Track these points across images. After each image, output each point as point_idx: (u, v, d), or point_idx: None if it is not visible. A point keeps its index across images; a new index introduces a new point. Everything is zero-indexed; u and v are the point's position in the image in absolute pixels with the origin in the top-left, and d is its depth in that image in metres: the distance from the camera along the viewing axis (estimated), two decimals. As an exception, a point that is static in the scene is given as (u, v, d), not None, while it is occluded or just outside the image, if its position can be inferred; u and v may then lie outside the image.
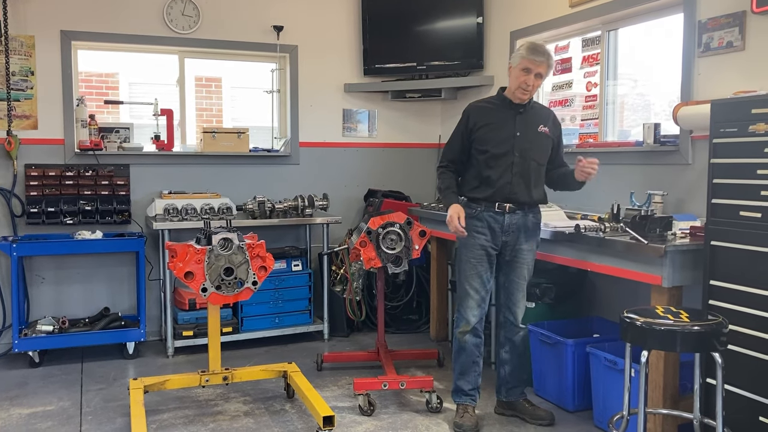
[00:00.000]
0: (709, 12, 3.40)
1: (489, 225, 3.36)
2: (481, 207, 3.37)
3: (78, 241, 4.51)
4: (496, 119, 3.37)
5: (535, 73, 3.26)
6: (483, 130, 3.36)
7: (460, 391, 3.52)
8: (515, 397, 3.58)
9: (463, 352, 3.46)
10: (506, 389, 3.58)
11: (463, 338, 3.43)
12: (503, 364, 3.58)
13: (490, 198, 3.34)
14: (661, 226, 3.08)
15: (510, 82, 3.36)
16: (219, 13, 5.15)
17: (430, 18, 5.41)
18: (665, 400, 3.03)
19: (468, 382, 3.49)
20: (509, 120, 3.36)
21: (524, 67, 3.26)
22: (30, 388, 4.04)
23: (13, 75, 4.62)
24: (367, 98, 5.70)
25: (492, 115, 3.39)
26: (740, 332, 2.69)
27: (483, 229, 3.36)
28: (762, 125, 2.61)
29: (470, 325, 3.41)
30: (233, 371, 3.71)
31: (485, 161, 3.35)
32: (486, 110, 3.42)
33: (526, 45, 3.33)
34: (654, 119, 4.08)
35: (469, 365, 3.47)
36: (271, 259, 3.64)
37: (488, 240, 3.37)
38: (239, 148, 5.18)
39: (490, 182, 3.34)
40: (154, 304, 5.00)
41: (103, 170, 4.82)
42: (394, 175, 5.76)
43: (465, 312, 3.42)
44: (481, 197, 3.36)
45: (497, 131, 3.35)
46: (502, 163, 3.33)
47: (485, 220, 3.36)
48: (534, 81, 3.27)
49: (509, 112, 3.38)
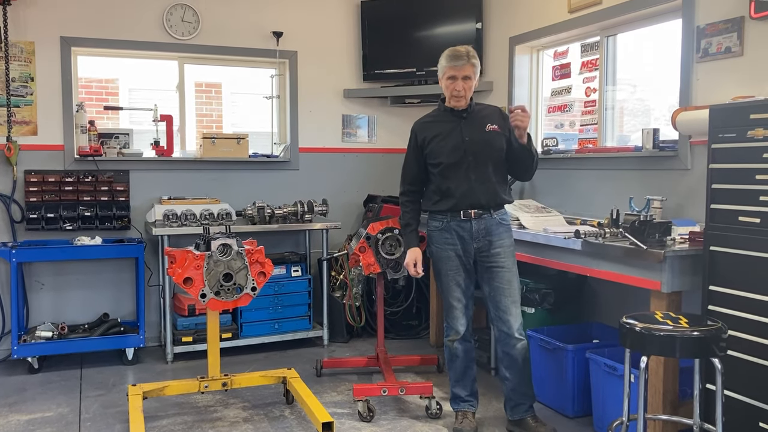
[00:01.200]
0: (707, 17, 3.41)
1: (458, 234, 3.34)
2: (447, 218, 3.35)
3: (77, 247, 4.51)
4: (442, 130, 3.36)
5: (462, 76, 3.25)
6: (432, 143, 3.35)
7: (458, 398, 3.52)
8: (520, 414, 3.41)
9: (456, 358, 3.46)
10: (510, 407, 3.45)
11: (453, 345, 3.45)
12: (504, 380, 3.44)
13: (454, 208, 3.32)
14: (661, 231, 3.08)
15: (444, 92, 3.35)
16: (218, 19, 5.17)
17: (429, 24, 5.42)
18: (665, 406, 3.02)
19: (464, 388, 3.49)
20: (455, 127, 3.34)
21: (449, 76, 3.27)
22: (29, 394, 4.03)
23: (13, 81, 4.63)
24: (366, 104, 5.70)
25: (437, 126, 3.38)
26: (740, 338, 2.69)
27: (453, 240, 3.35)
28: (760, 130, 2.62)
29: (459, 334, 3.43)
30: (232, 377, 3.70)
31: (441, 173, 3.34)
32: (430, 124, 3.43)
33: (445, 53, 3.31)
34: (653, 124, 4.09)
35: (463, 371, 3.47)
36: (270, 264, 3.64)
37: (459, 249, 3.35)
38: (239, 153, 5.18)
39: (451, 192, 3.32)
40: (153, 309, 5.00)
41: (103, 176, 4.82)
42: (394, 181, 5.68)
43: (453, 323, 3.44)
44: (445, 209, 3.35)
45: (446, 141, 3.33)
46: (458, 171, 3.30)
47: (453, 230, 3.35)
48: (463, 84, 3.26)
49: (454, 120, 3.36)
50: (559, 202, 4.42)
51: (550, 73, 4.81)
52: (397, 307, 5.28)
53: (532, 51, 4.93)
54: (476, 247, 3.35)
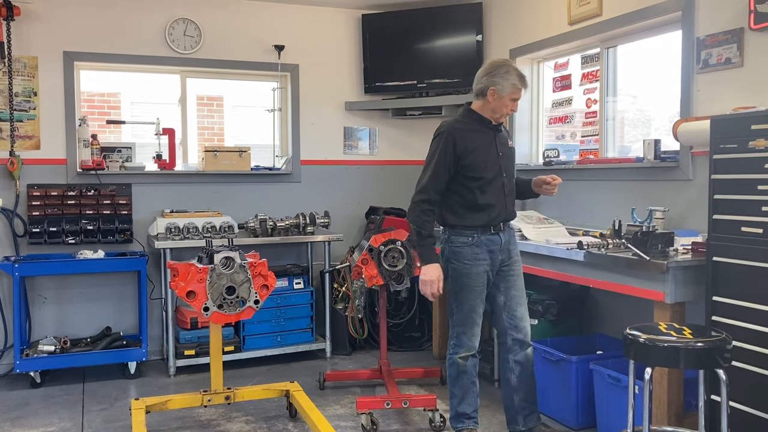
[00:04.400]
0: (707, 29, 3.42)
1: (488, 249, 3.24)
2: (477, 233, 3.22)
3: (80, 261, 4.51)
4: (481, 142, 3.22)
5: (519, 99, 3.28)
6: (473, 155, 3.18)
7: (463, 416, 3.33)
8: (534, 422, 3.34)
9: (465, 375, 3.29)
10: (523, 417, 3.32)
11: (465, 362, 3.28)
12: (515, 391, 3.32)
13: (488, 223, 3.22)
14: (663, 242, 3.08)
15: (494, 106, 3.20)
16: (220, 33, 5.20)
17: (430, 36, 5.45)
18: (670, 418, 3.01)
19: (470, 405, 3.33)
20: (491, 141, 3.25)
21: (515, 98, 3.21)
22: (31, 408, 4.02)
23: (16, 96, 4.65)
24: (367, 116, 5.72)
25: (476, 138, 3.22)
26: (744, 348, 2.68)
27: (483, 255, 3.22)
28: (762, 141, 2.62)
29: (473, 350, 3.28)
30: (235, 390, 3.69)
31: (479, 188, 3.20)
32: (469, 133, 3.21)
33: (516, 74, 3.19)
34: (654, 135, 4.10)
35: (470, 387, 3.32)
36: (272, 277, 3.63)
37: (489, 264, 3.24)
38: (241, 166, 5.20)
39: (487, 208, 3.21)
40: (155, 323, 4.99)
41: (105, 190, 4.83)
42: (396, 193, 5.76)
43: (470, 340, 3.27)
44: (479, 224, 3.21)
45: (486, 155, 3.21)
46: (495, 186, 3.23)
47: (483, 245, 3.22)
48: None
49: (489, 133, 3.26)
50: (561, 214, 4.42)
51: (551, 84, 4.83)
52: (400, 319, 5.27)
53: (533, 63, 4.95)
54: (501, 258, 3.28)
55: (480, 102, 3.25)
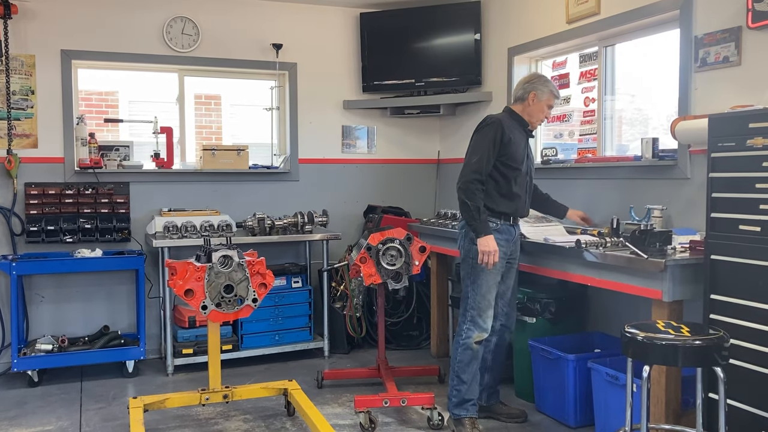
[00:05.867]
0: (705, 27, 3.43)
1: (507, 237, 3.51)
2: (502, 220, 3.50)
3: (77, 260, 4.51)
4: (517, 138, 3.50)
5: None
6: (512, 146, 3.45)
7: (467, 402, 3.47)
8: (494, 400, 3.74)
9: (475, 360, 3.48)
10: (487, 394, 3.71)
11: (478, 347, 3.47)
12: (488, 370, 3.68)
13: (514, 213, 3.53)
14: (661, 240, 3.08)
15: (532, 111, 3.55)
16: (218, 32, 5.19)
17: (428, 35, 5.45)
18: (667, 416, 3.02)
19: (474, 392, 3.50)
20: (525, 142, 3.57)
21: (551, 105, 3.57)
22: (29, 407, 4.02)
23: (14, 94, 4.65)
24: (366, 115, 5.72)
25: (516, 133, 3.50)
26: (742, 346, 2.68)
27: (502, 242, 3.46)
28: (760, 139, 2.63)
29: (487, 333, 3.48)
30: (233, 389, 3.69)
31: (515, 178, 3.48)
32: (511, 127, 3.50)
33: (553, 84, 3.57)
34: (652, 133, 4.10)
35: (476, 374, 3.51)
36: (271, 276, 3.63)
37: (505, 252, 3.50)
38: (239, 165, 5.20)
39: (516, 198, 3.51)
40: (153, 322, 4.99)
41: (103, 188, 4.83)
42: (394, 191, 5.77)
43: (485, 322, 3.46)
44: (507, 211, 3.49)
45: (519, 150, 3.50)
46: (523, 180, 3.54)
47: (505, 232, 3.50)
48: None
49: (524, 133, 3.58)
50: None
51: (549, 83, 4.82)
52: (398, 318, 5.28)
53: (531, 61, 4.95)
54: (512, 250, 3.58)
55: (520, 106, 3.58)
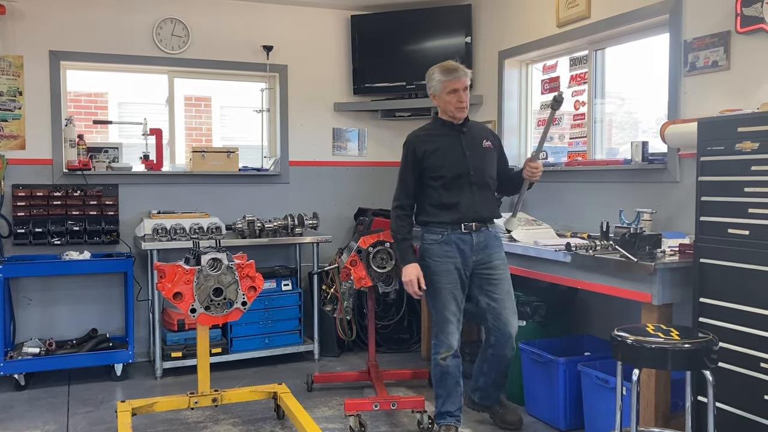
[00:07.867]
0: (694, 32, 3.44)
1: (458, 247, 3.35)
2: (447, 230, 3.35)
3: (65, 262, 4.47)
4: (441, 144, 3.37)
5: (463, 88, 3.33)
6: (433, 156, 3.34)
7: (446, 414, 3.44)
8: (491, 402, 3.65)
9: (448, 376, 3.38)
10: (481, 395, 3.64)
11: (446, 363, 3.36)
12: (483, 374, 3.56)
13: (457, 221, 3.34)
14: (651, 243, 3.09)
15: (443, 107, 3.40)
16: (209, 34, 5.17)
17: (419, 38, 5.45)
18: (657, 419, 3.02)
19: (453, 404, 3.43)
20: (456, 142, 3.39)
21: (451, 90, 3.32)
22: (16, 411, 3.98)
23: (1, 95, 4.61)
24: (356, 117, 5.71)
25: (436, 140, 3.39)
26: (731, 350, 2.69)
27: (453, 252, 3.35)
28: (748, 143, 2.64)
29: (452, 349, 3.36)
30: (222, 393, 3.67)
31: (443, 186, 3.34)
32: (428, 137, 3.41)
33: (439, 69, 3.35)
34: (642, 137, 4.12)
35: (453, 387, 3.41)
36: (260, 278, 3.62)
37: (459, 263, 3.36)
38: (229, 167, 5.18)
39: (453, 206, 3.34)
40: (142, 325, 4.95)
41: (92, 190, 4.79)
42: (384, 194, 5.74)
43: (447, 338, 3.35)
44: (447, 221, 3.34)
45: (447, 155, 3.35)
46: (461, 184, 3.35)
47: (453, 243, 3.35)
48: (465, 95, 3.34)
49: (453, 134, 3.41)
50: (549, 215, 4.44)
51: (539, 86, 4.84)
52: (389, 321, 5.27)
53: (521, 65, 4.97)
54: (475, 260, 3.38)
55: (438, 109, 3.47)
